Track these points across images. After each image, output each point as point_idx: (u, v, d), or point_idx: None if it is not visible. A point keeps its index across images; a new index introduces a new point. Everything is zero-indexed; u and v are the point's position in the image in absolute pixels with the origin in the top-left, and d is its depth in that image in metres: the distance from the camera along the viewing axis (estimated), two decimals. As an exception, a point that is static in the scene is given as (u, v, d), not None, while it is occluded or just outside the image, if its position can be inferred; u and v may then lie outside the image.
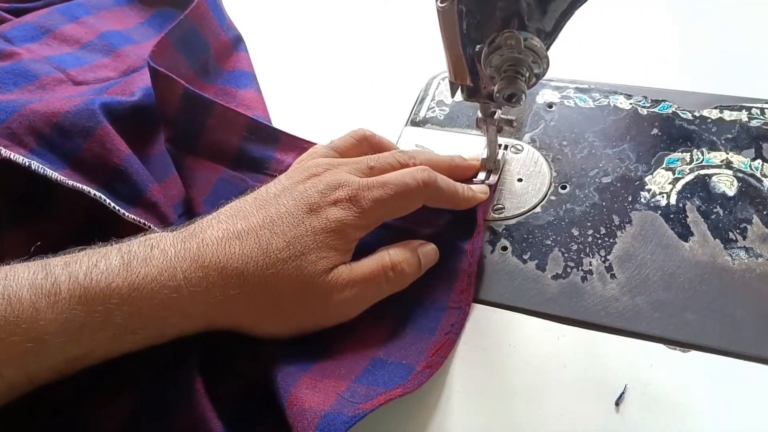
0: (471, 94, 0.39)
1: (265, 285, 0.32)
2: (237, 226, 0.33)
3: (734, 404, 0.31)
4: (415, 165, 0.39)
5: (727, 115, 0.45)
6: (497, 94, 0.34)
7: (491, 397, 0.33)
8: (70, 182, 0.38)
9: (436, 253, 0.38)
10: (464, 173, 0.43)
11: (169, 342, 0.32)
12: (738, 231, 0.38)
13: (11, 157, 0.37)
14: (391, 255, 0.36)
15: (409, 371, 0.33)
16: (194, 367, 0.32)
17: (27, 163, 0.37)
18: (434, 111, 0.51)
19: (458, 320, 0.36)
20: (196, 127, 0.45)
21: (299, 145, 0.46)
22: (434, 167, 0.39)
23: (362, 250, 0.36)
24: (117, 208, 0.38)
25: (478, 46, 0.35)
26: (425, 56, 0.54)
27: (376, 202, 0.35)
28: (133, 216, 0.39)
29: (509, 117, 0.42)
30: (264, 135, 0.47)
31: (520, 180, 0.44)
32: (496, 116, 0.42)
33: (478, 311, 0.37)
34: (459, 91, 0.39)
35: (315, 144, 0.46)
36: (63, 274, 0.28)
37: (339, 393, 0.31)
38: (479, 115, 0.41)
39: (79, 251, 0.30)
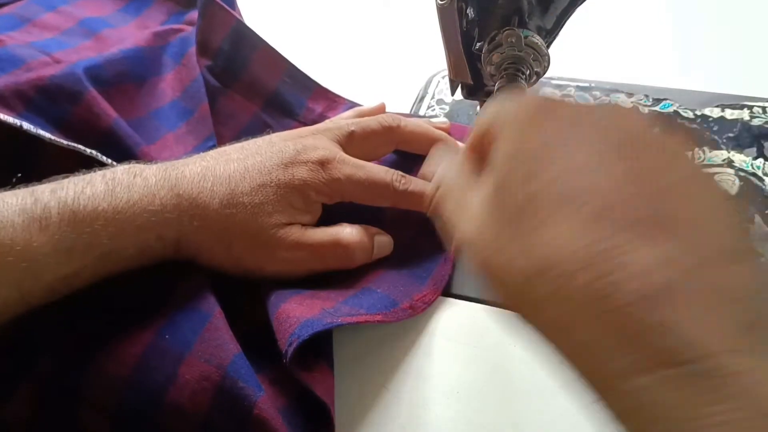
0: (471, 92, 0.39)
1: (223, 222, 0.34)
2: (216, 168, 0.35)
3: (736, 405, 0.31)
4: (399, 127, 0.39)
5: (729, 114, 0.45)
6: (498, 92, 0.34)
7: (491, 397, 0.33)
8: (65, 141, 0.38)
9: (391, 245, 0.39)
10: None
11: (185, 283, 0.34)
12: (740, 230, 0.38)
13: (1, 117, 0.37)
14: (347, 234, 0.36)
15: (393, 304, 0.35)
16: (214, 301, 0.33)
17: (18, 124, 0.37)
18: (434, 109, 0.50)
19: (448, 272, 0.38)
20: (239, 61, 0.48)
21: (330, 97, 0.50)
22: (416, 139, 0.41)
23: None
24: (114, 163, 0.38)
25: (478, 44, 0.35)
26: (425, 55, 0.54)
27: (346, 177, 0.36)
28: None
29: None
30: (300, 81, 0.49)
31: (520, 179, 0.44)
32: None
33: (478, 311, 0.37)
34: (459, 88, 0.39)
35: (343, 98, 0.50)
36: (52, 200, 0.30)
37: (324, 308, 0.33)
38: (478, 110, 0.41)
39: (63, 178, 0.32)
